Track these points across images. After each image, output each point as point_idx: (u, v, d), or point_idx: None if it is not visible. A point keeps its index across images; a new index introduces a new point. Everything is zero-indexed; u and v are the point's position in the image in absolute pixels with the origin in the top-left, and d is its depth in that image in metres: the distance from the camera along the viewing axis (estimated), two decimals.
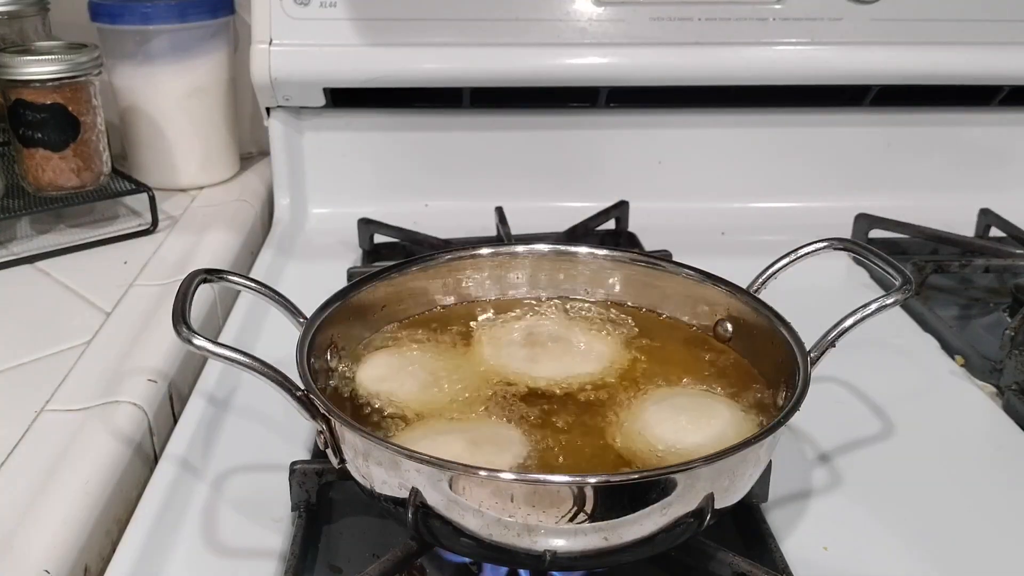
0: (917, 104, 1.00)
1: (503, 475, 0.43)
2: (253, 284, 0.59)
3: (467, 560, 0.51)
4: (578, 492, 0.43)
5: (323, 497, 0.56)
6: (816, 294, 0.68)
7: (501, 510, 0.43)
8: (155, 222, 0.92)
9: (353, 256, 0.92)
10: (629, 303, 0.66)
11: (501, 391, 0.56)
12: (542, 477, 0.44)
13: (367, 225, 0.92)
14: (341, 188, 1.01)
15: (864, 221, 0.93)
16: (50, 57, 0.85)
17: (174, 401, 0.69)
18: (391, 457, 0.45)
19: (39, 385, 0.66)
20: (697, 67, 0.94)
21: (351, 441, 0.48)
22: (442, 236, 0.89)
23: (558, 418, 0.54)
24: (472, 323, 0.64)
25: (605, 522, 0.44)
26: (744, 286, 0.61)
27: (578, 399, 0.56)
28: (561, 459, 0.50)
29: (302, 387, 0.49)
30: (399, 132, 1.00)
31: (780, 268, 0.62)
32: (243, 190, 1.04)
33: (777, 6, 0.93)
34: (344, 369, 0.58)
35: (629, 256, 0.66)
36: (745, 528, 0.55)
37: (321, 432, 0.49)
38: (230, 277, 0.58)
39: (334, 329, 0.58)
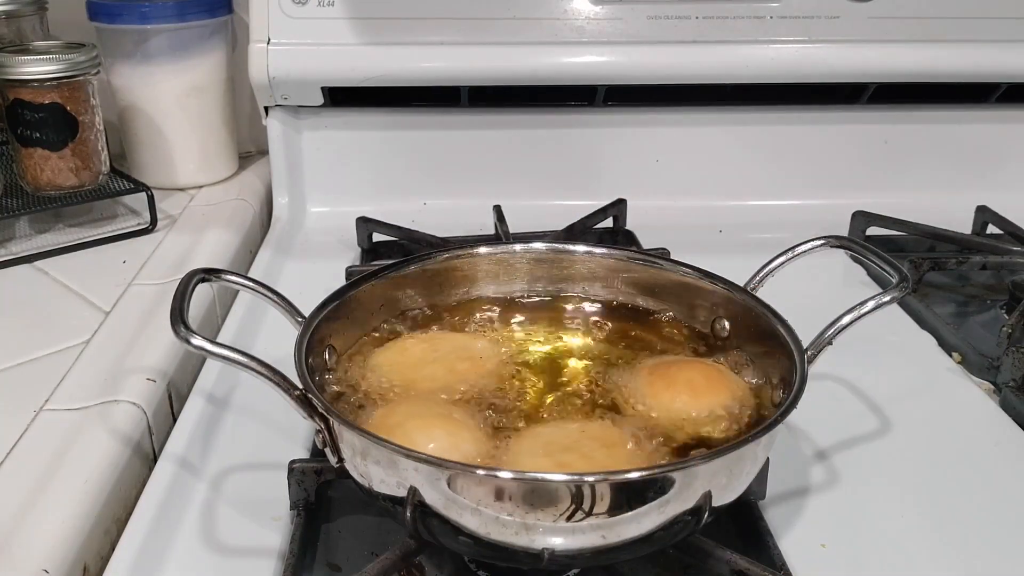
0: (914, 102, 1.00)
1: (501, 474, 0.43)
2: (251, 283, 0.59)
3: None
4: (576, 490, 0.43)
5: (322, 496, 0.56)
6: (813, 292, 0.69)
7: (499, 508, 0.44)
8: (154, 221, 0.92)
9: (351, 255, 0.92)
10: (627, 301, 0.66)
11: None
12: (540, 476, 0.44)
13: (366, 224, 0.92)
14: (339, 187, 1.01)
15: (861, 218, 0.93)
16: (48, 56, 0.85)
17: (173, 400, 0.69)
18: (389, 456, 0.45)
19: (38, 384, 0.66)
20: (695, 65, 0.94)
21: (349, 440, 0.48)
22: (440, 234, 0.89)
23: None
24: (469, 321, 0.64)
25: (603, 520, 0.44)
26: (741, 284, 0.61)
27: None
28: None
29: (300, 386, 0.49)
30: (397, 131, 1.00)
31: (777, 266, 0.62)
32: (242, 189, 1.04)
33: (774, 4, 0.93)
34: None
35: (627, 254, 0.66)
36: (743, 526, 0.55)
37: (319, 431, 0.49)
38: (228, 276, 0.58)
39: (332, 328, 0.58)
